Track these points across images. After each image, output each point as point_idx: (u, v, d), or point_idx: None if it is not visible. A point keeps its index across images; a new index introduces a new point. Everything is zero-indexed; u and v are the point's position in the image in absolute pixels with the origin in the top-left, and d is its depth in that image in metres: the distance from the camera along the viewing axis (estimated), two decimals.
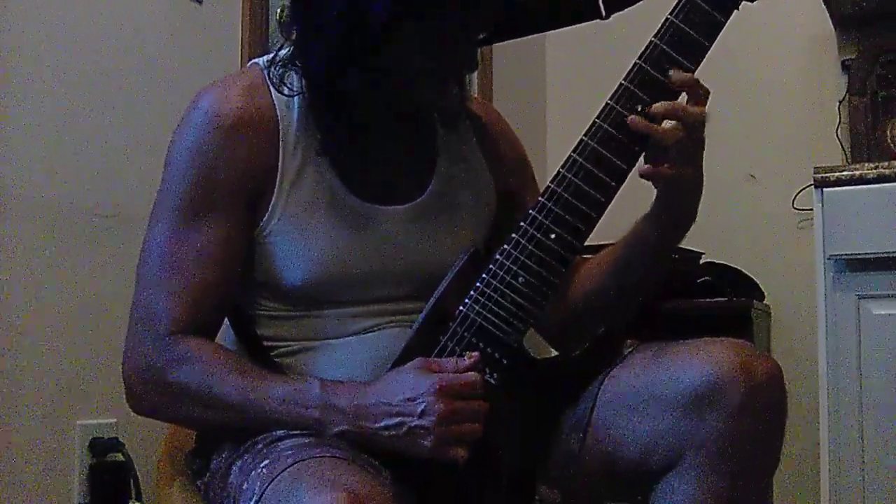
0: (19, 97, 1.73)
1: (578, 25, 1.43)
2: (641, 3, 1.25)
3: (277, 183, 1.15)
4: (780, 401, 1.07)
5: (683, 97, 1.11)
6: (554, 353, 1.37)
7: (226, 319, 1.21)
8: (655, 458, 1.08)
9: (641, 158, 1.12)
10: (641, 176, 1.11)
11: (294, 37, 1.16)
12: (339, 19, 1.08)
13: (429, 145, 1.26)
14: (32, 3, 1.76)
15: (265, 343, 1.19)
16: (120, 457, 1.80)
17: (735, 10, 1.13)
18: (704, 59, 1.12)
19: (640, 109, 1.10)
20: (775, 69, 2.82)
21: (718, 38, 1.12)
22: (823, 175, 2.12)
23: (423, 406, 1.04)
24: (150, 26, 1.97)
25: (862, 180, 2.08)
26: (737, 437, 1.04)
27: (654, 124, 1.10)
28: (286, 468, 0.98)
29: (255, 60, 1.23)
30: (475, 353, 1.09)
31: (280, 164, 1.15)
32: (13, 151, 1.71)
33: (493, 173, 1.31)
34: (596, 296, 1.25)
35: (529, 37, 2.37)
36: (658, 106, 1.10)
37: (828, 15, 2.65)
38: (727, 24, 1.12)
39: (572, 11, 1.29)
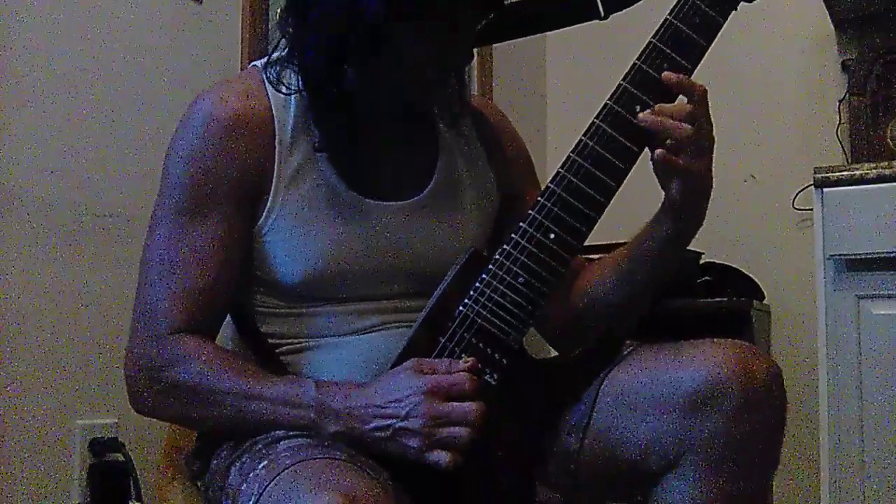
0: (20, 97, 1.73)
1: (578, 25, 1.43)
2: (641, 3, 1.24)
3: (275, 182, 1.15)
4: (780, 401, 1.07)
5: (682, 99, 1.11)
6: (554, 353, 1.37)
7: (228, 318, 1.21)
8: (655, 459, 1.09)
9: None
10: (653, 160, 1.08)
11: (289, 35, 1.16)
12: (335, 16, 1.08)
13: (430, 142, 1.26)
14: (32, 4, 1.76)
15: (269, 341, 1.19)
16: (120, 457, 1.81)
17: (733, 11, 1.12)
18: (704, 59, 1.11)
19: (638, 110, 1.09)
20: (775, 69, 2.82)
21: (718, 38, 1.11)
22: (823, 175, 2.11)
23: (408, 408, 1.03)
24: (150, 26, 1.97)
25: (862, 180, 2.08)
26: (736, 437, 1.04)
27: (665, 118, 1.08)
28: (284, 469, 0.98)
29: (255, 63, 1.23)
30: (471, 358, 1.09)
31: (277, 163, 1.16)
32: (13, 151, 1.71)
33: (495, 170, 1.31)
34: (601, 299, 1.24)
35: (529, 37, 2.38)
36: (674, 107, 1.08)
37: (828, 15, 2.65)
38: (726, 25, 1.11)
39: (571, 12, 1.29)
